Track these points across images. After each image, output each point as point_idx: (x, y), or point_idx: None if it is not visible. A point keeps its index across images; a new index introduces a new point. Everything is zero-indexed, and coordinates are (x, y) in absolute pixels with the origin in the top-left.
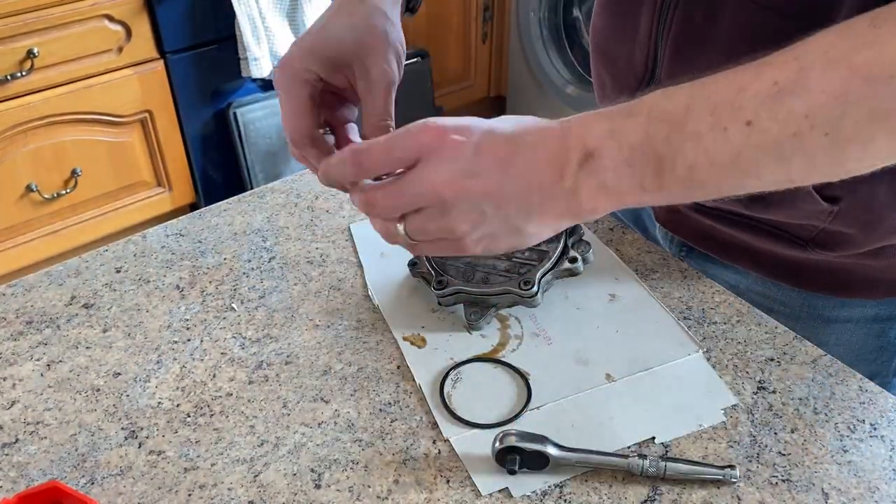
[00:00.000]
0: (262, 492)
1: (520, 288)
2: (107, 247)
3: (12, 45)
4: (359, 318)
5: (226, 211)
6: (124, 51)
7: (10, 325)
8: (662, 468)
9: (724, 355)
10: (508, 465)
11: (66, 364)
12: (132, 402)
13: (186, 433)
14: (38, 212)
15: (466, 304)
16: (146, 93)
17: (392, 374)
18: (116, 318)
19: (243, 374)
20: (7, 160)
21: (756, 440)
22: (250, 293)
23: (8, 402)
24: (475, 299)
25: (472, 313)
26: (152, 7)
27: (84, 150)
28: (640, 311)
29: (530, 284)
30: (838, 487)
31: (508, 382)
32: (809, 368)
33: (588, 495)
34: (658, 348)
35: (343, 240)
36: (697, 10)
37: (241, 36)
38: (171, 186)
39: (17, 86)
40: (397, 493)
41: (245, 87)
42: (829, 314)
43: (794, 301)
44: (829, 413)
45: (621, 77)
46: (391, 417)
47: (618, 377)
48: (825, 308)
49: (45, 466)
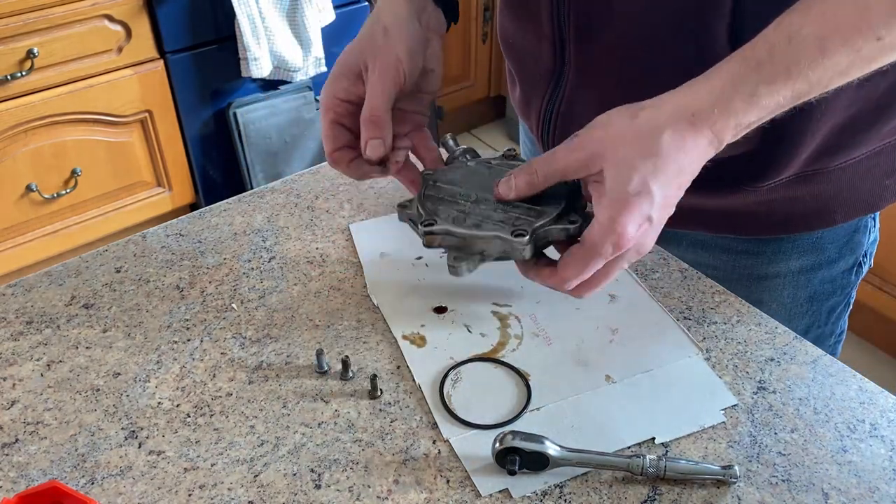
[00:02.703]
0: (262, 492)
1: (512, 236)
2: (107, 247)
3: (12, 45)
4: (359, 318)
5: (226, 211)
6: (124, 51)
7: (10, 325)
8: (662, 468)
9: (724, 355)
10: (508, 465)
11: (66, 364)
12: (132, 402)
13: (186, 433)
14: (38, 212)
15: (451, 248)
16: (146, 93)
17: (392, 374)
18: (116, 318)
19: (243, 374)
20: (7, 160)
21: (756, 440)
22: (250, 293)
23: (8, 402)
24: (461, 244)
25: (455, 257)
26: (152, 7)
27: (84, 150)
28: (640, 311)
29: (524, 234)
30: (838, 487)
31: (508, 383)
32: (809, 368)
33: (588, 496)
34: (658, 350)
35: (343, 240)
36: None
37: (241, 36)
38: (171, 186)
39: (17, 86)
40: (397, 493)
41: (245, 87)
42: (759, 272)
43: (724, 264)
44: (829, 413)
45: (530, 73)
46: (391, 417)
47: (617, 379)
48: (754, 266)
49: (45, 466)
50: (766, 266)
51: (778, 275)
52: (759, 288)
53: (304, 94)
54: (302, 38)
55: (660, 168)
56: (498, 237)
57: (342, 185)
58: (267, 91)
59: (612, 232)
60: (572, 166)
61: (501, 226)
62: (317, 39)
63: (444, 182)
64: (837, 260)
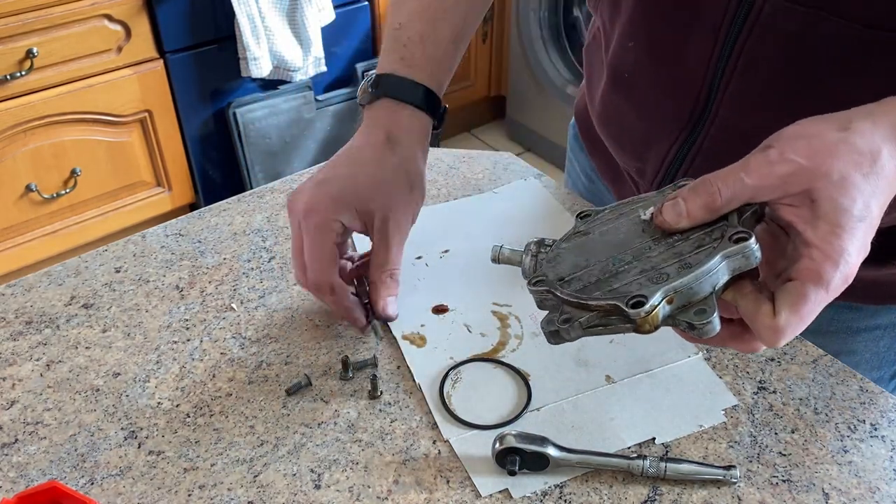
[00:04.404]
0: (261, 492)
1: (733, 243)
2: (106, 247)
3: (12, 44)
4: None
5: (225, 211)
6: (124, 50)
7: (9, 325)
8: (663, 469)
9: (725, 355)
10: (508, 465)
11: (66, 364)
12: (132, 402)
13: (186, 433)
14: (38, 212)
15: (678, 312)
16: (146, 93)
17: (392, 374)
18: (116, 318)
19: (243, 374)
20: (7, 160)
21: (756, 440)
22: (250, 293)
23: (7, 402)
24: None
25: (698, 311)
26: (152, 7)
27: (84, 149)
28: None
29: (746, 237)
30: (839, 488)
31: (508, 383)
32: (810, 368)
33: (588, 496)
34: (658, 350)
35: None
36: (774, 38)
37: (241, 36)
38: (170, 186)
39: (17, 85)
40: (397, 493)
41: (245, 87)
42: (859, 325)
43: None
44: (830, 413)
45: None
46: (391, 417)
47: (617, 379)
48: (854, 320)
49: (45, 466)
50: (867, 319)
51: (878, 326)
52: (855, 339)
53: (304, 93)
54: (302, 37)
55: (880, 191)
56: (726, 256)
57: None
58: (267, 91)
59: (844, 263)
60: (770, 184)
61: (707, 249)
62: (317, 39)
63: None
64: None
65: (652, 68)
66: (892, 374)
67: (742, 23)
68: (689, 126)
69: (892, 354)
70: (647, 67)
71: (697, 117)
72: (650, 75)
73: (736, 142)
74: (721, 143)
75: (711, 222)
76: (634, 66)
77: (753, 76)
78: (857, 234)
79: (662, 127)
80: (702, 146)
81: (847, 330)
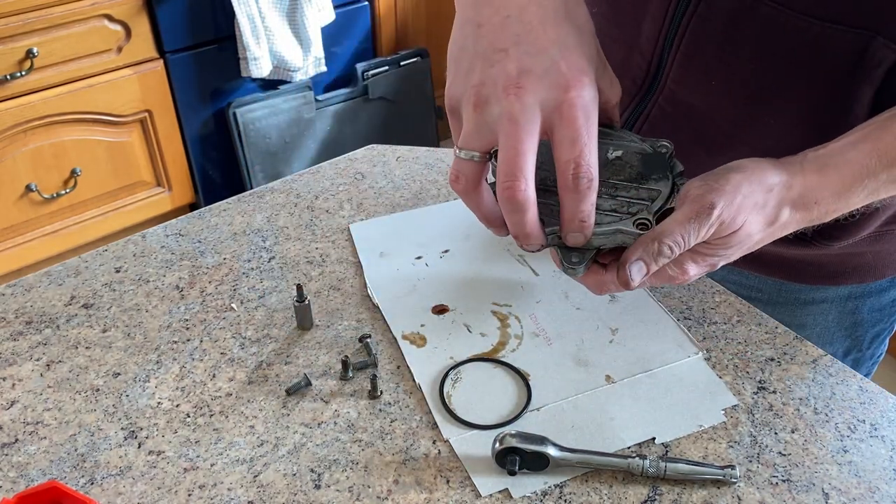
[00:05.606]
0: (261, 492)
1: (635, 227)
2: (106, 247)
3: (12, 44)
4: (359, 318)
5: (225, 211)
6: (124, 50)
7: (9, 325)
8: (662, 468)
9: (724, 355)
10: (508, 465)
11: (66, 364)
12: (132, 403)
13: (186, 433)
14: (38, 212)
15: (562, 247)
16: (146, 93)
17: (392, 374)
18: (116, 318)
19: (243, 374)
20: (7, 160)
21: (756, 440)
22: (250, 293)
23: (7, 402)
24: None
25: (574, 256)
26: (152, 7)
27: (84, 149)
28: (640, 311)
29: (647, 225)
30: (839, 487)
31: (508, 383)
32: (809, 368)
33: (588, 496)
34: (658, 350)
35: (343, 240)
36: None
37: (241, 36)
38: (170, 186)
39: (17, 86)
40: (397, 493)
41: (245, 87)
42: (806, 297)
43: (770, 287)
44: (830, 413)
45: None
46: (391, 417)
47: (617, 379)
48: (802, 292)
49: (45, 466)
50: (814, 291)
51: (825, 300)
52: (804, 312)
53: (304, 93)
54: (302, 37)
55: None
56: (619, 231)
57: (342, 185)
58: (267, 91)
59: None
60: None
61: (617, 216)
62: (317, 39)
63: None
64: (889, 289)
65: (612, 33)
66: (844, 351)
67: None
68: (640, 96)
69: (842, 330)
70: (607, 34)
71: (647, 88)
72: (610, 43)
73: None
74: (668, 114)
75: (648, 184)
76: (598, 32)
77: (697, 53)
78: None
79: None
80: (649, 115)
81: (795, 301)
